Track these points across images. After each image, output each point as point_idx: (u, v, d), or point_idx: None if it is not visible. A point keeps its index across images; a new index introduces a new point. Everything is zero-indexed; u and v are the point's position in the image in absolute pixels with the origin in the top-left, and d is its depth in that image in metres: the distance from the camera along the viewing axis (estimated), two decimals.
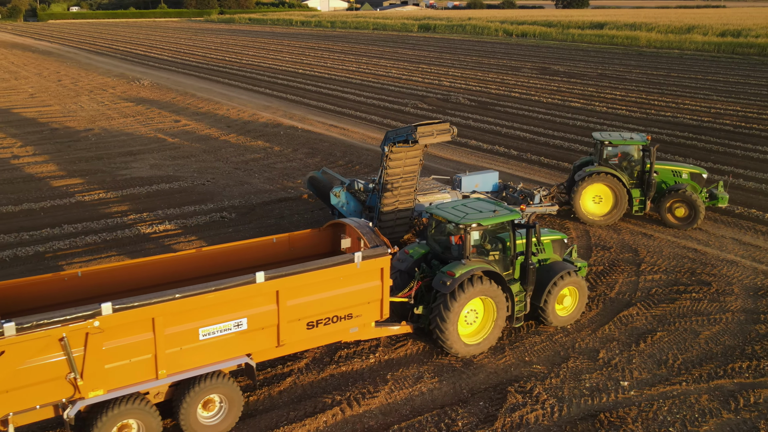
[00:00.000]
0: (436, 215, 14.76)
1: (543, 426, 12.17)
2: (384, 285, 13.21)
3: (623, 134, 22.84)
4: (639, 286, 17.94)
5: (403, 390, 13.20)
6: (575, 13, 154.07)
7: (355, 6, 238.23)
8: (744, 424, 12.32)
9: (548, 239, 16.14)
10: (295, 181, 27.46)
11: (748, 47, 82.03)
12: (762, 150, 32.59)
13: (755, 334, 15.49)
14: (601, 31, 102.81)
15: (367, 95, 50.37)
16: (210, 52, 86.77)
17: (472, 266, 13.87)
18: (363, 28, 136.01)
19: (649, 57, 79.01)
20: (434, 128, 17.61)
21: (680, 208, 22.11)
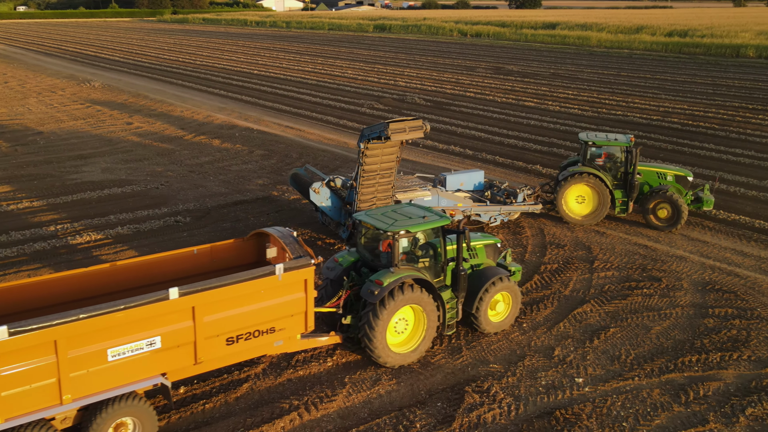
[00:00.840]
0: (364, 222, 14.41)
1: (500, 425, 12.29)
2: (308, 297, 12.86)
3: (609, 135, 22.95)
4: (592, 283, 18.25)
5: (361, 393, 13.19)
6: (528, 14, 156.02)
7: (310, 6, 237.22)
8: (694, 416, 12.63)
9: (481, 244, 15.94)
10: (251, 184, 27.21)
11: (694, 47, 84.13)
12: (708, 147, 33.46)
13: (704, 328, 15.89)
14: (554, 31, 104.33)
15: (323, 96, 50.22)
16: (163, 53, 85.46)
17: (401, 274, 13.58)
18: (318, 29, 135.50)
19: (600, 57, 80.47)
20: (407, 125, 18.12)
21: (663, 210, 22.16)
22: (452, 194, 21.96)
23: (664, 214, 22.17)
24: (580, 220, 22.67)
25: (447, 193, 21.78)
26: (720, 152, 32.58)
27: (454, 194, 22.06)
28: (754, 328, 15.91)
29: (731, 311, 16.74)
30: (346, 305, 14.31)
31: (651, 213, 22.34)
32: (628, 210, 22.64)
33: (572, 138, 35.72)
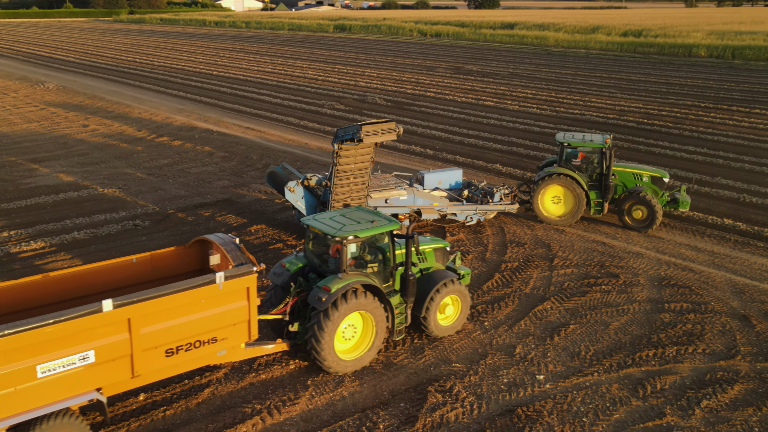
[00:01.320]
0: (312, 227, 14.12)
1: (463, 424, 12.37)
2: (251, 305, 12.58)
3: (585, 136, 22.97)
4: (552, 281, 18.50)
5: (324, 395, 13.16)
6: (487, 14, 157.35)
7: (270, 6, 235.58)
8: (652, 410, 12.89)
9: (430, 248, 15.82)
10: (211, 186, 26.92)
11: (648, 47, 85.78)
12: (662, 145, 34.17)
13: (660, 322, 16.23)
14: (512, 31, 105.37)
15: (284, 97, 49.96)
16: (120, 54, 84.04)
17: (349, 280, 13.37)
18: (278, 29, 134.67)
19: (557, 56, 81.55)
20: (379, 127, 18.33)
21: (638, 211, 22.23)
22: (428, 193, 22.00)
23: (639, 215, 22.23)
24: (556, 220, 22.79)
25: (423, 192, 21.83)
26: (674, 150, 33.30)
27: (430, 193, 22.10)
28: (708, 321, 16.30)
29: (686, 306, 17.12)
30: (293, 312, 14.04)
31: (626, 214, 22.43)
32: (603, 211, 22.68)
33: (531, 137, 36.15)
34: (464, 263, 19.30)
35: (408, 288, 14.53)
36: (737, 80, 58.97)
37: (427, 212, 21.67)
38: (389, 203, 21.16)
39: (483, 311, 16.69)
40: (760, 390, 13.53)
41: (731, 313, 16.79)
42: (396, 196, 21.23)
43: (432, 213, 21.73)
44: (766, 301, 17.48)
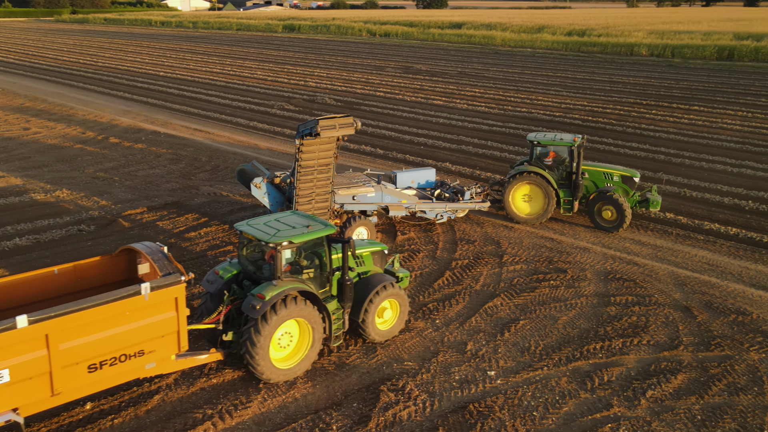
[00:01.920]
0: (245, 233, 13.75)
1: (416, 422, 12.46)
2: (180, 315, 12.24)
3: (557, 135, 22.98)
4: (502, 277, 18.75)
5: (277, 398, 13.09)
6: (435, 14, 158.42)
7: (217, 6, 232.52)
8: (599, 401, 13.18)
9: (367, 251, 15.66)
10: (159, 189, 26.48)
11: (592, 46, 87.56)
12: (607, 142, 34.94)
13: (606, 316, 16.61)
14: (460, 31, 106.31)
15: (233, 97, 49.45)
16: (62, 54, 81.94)
17: (284, 287, 13.10)
18: (226, 29, 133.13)
19: (504, 55, 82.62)
20: (336, 122, 18.62)
21: (607, 211, 22.21)
22: (396, 191, 22.06)
23: (609, 215, 22.21)
24: (526, 219, 22.90)
25: (390, 190, 21.88)
26: (618, 146, 34.09)
27: (399, 191, 22.17)
28: (653, 313, 16.75)
29: (631, 299, 17.56)
30: (228, 320, 13.70)
31: (596, 214, 22.45)
32: (573, 209, 22.80)
33: (479, 135, 36.55)
34: (403, 266, 19.24)
35: (345, 293, 14.30)
36: (677, 78, 60.69)
37: (395, 209, 21.75)
38: (356, 200, 21.23)
39: (434, 309, 16.82)
40: (701, 379, 13.97)
41: (674, 304, 17.29)
42: (363, 193, 21.32)
43: (400, 210, 21.81)
44: (706, 292, 18.05)
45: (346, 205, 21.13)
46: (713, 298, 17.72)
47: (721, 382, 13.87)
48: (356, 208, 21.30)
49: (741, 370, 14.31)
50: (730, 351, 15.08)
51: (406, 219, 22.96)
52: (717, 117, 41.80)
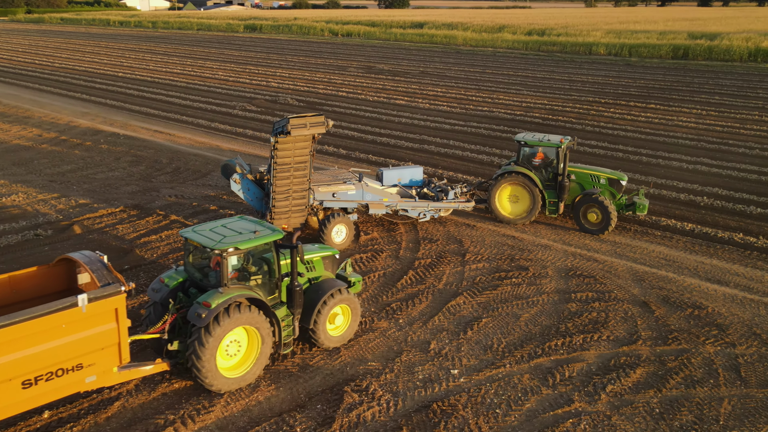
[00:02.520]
0: (190, 239, 13.40)
1: (380, 422, 12.49)
2: (120, 327, 11.91)
3: (546, 136, 22.94)
4: (465, 276, 18.89)
5: (240, 401, 13.01)
6: (397, 13, 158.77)
7: (177, 5, 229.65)
8: (561, 397, 13.37)
9: (318, 256, 15.47)
10: (119, 192, 26.07)
11: (551, 45, 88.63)
12: None
13: (567, 312, 16.85)
14: (422, 30, 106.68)
15: (194, 98, 48.92)
16: (17, 55, 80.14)
17: (230, 294, 12.81)
18: (187, 29, 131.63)
19: (466, 55, 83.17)
20: (307, 120, 18.99)
21: (593, 214, 22.06)
22: (378, 188, 22.07)
23: (594, 217, 22.09)
24: (512, 219, 22.90)
25: (372, 188, 21.89)
26: (578, 144, 34.54)
27: (381, 189, 22.17)
28: (612, 309, 17.04)
29: (591, 295, 17.84)
30: (174, 329, 13.35)
31: (581, 216, 22.31)
32: (559, 211, 22.77)
33: (441, 134, 36.74)
34: (355, 270, 19.12)
35: (294, 299, 14.07)
36: (634, 77, 61.74)
37: (375, 207, 21.78)
38: (337, 197, 21.30)
39: (397, 309, 16.88)
40: (659, 372, 14.25)
41: (632, 300, 17.61)
42: (344, 190, 21.38)
43: (380, 208, 21.85)
44: (664, 287, 18.42)
45: (326, 202, 21.19)
46: (670, 292, 18.09)
47: (678, 375, 14.17)
48: (336, 206, 21.38)
49: (697, 363, 14.64)
50: (686, 344, 15.42)
51: (389, 217, 22.97)
52: (673, 115, 42.66)
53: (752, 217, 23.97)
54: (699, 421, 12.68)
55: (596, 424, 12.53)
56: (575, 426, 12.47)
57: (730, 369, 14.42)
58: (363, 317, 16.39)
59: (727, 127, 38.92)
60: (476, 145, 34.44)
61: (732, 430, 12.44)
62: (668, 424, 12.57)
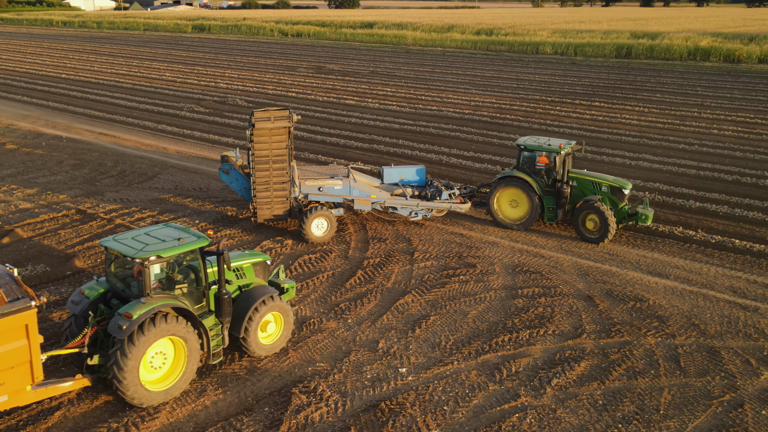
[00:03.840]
0: (110, 248, 12.88)
1: (328, 423, 12.47)
2: (32, 344, 11.33)
3: (548, 140, 22.43)
4: (413, 274, 18.99)
5: (186, 406, 12.84)
6: (347, 13, 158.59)
7: (123, 5, 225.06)
8: (507, 393, 13.55)
9: (248, 263, 15.04)
10: (61, 196, 25.43)
11: (499, 44, 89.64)
12: (514, 138, 35.75)
13: (514, 308, 17.08)
14: (372, 30, 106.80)
15: (140, 100, 48.05)
16: None
17: (153, 304, 12.35)
18: (133, 29, 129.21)
19: (415, 54, 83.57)
20: (272, 114, 19.96)
21: (591, 221, 21.42)
22: (366, 185, 22.08)
23: (592, 225, 21.42)
24: (511, 224, 22.52)
25: (359, 184, 21.95)
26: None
27: (369, 185, 22.19)
28: (558, 304, 17.34)
29: (538, 290, 18.13)
30: (95, 342, 12.88)
31: (580, 224, 21.67)
32: (557, 218, 22.22)
33: (391, 134, 36.86)
34: (289, 276, 18.78)
35: (223, 308, 13.66)
36: (579, 75, 62.92)
37: (360, 203, 21.86)
38: (323, 191, 21.56)
39: (346, 309, 16.88)
40: (603, 365, 14.57)
41: (577, 294, 17.95)
42: (331, 185, 21.62)
43: (366, 204, 21.93)
44: (607, 281, 18.83)
45: (311, 195, 21.50)
46: (614, 286, 18.50)
47: (620, 367, 14.51)
48: (322, 200, 21.66)
49: (639, 355, 15.00)
50: (629, 337, 15.79)
51: (379, 214, 23.04)
52: (616, 112, 43.62)
53: (691, 211, 24.67)
54: (640, 411, 13.00)
55: (542, 418, 12.74)
56: (521, 420, 12.65)
57: (670, 359, 14.83)
58: (312, 318, 16.36)
59: (668, 123, 39.98)
60: (425, 144, 34.64)
61: (671, 418, 12.79)
62: (611, 415, 12.86)
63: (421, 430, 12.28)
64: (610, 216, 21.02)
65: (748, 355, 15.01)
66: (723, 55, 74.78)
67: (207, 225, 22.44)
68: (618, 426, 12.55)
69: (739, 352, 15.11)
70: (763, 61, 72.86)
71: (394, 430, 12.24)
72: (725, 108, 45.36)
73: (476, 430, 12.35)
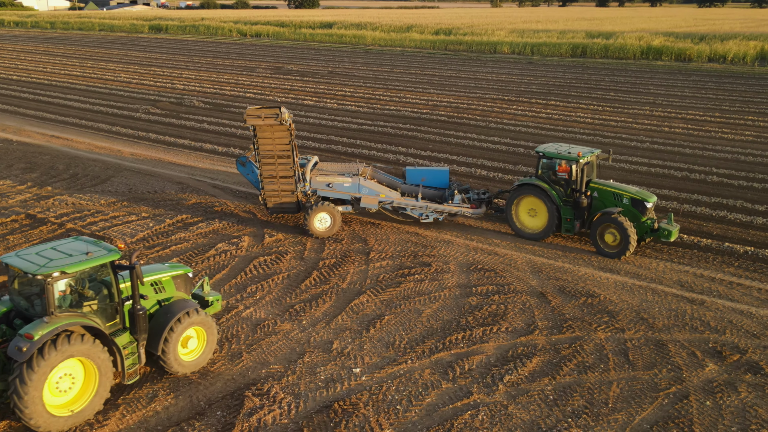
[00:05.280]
0: (11, 265, 12.10)
1: (281, 425, 12.44)
2: None
3: (570, 147, 21.64)
4: (369, 274, 19.04)
5: (137, 413, 12.69)
6: (306, 13, 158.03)
7: (78, 5, 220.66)
8: (460, 390, 13.68)
9: (167, 276, 14.32)
10: (10, 201, 24.87)
11: (458, 44, 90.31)
12: (470, 137, 36.18)
13: (468, 306, 17.24)
14: (331, 31, 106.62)
15: (94, 102, 47.23)
16: None
17: (57, 324, 11.58)
18: (88, 29, 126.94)
19: (374, 54, 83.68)
20: (263, 111, 20.48)
21: (610, 234, 20.39)
22: (376, 184, 22.20)
23: (611, 239, 20.38)
24: (529, 234, 21.74)
25: (369, 183, 22.10)
26: (481, 141, 35.40)
27: (378, 185, 22.27)
28: (511, 301, 17.56)
29: (491, 288, 18.33)
30: None
31: (598, 237, 20.62)
32: (575, 230, 21.30)
33: (349, 134, 36.86)
34: (213, 288, 17.91)
35: (137, 324, 12.93)
36: (536, 75, 63.73)
37: (367, 201, 22.05)
38: (332, 188, 21.91)
39: (301, 310, 16.86)
40: (554, 360, 14.80)
41: (531, 291, 18.20)
42: (340, 182, 21.95)
43: (373, 203, 22.07)
44: (560, 277, 19.13)
45: (320, 191, 22.02)
46: (566, 282, 18.80)
47: (571, 362, 14.75)
48: (331, 196, 22.06)
49: (589, 350, 15.28)
50: (580, 332, 16.06)
51: (390, 213, 23.35)
52: (571, 111, 44.29)
53: None
54: (590, 405, 13.24)
55: (493, 415, 12.89)
56: (473, 417, 12.78)
57: (619, 353, 15.13)
58: (266, 320, 16.29)
59: (621, 121, 40.73)
60: (382, 144, 34.73)
61: (619, 411, 13.05)
62: (561, 410, 13.08)
63: (373, 430, 12.34)
64: (630, 229, 19.99)
65: (694, 347, 15.40)
66: (674, 54, 76.51)
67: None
68: (568, 420, 12.76)
69: (686, 345, 15.50)
70: (713, 60, 74.71)
71: (347, 431, 12.27)
72: (676, 106, 46.40)
73: (428, 428, 12.44)
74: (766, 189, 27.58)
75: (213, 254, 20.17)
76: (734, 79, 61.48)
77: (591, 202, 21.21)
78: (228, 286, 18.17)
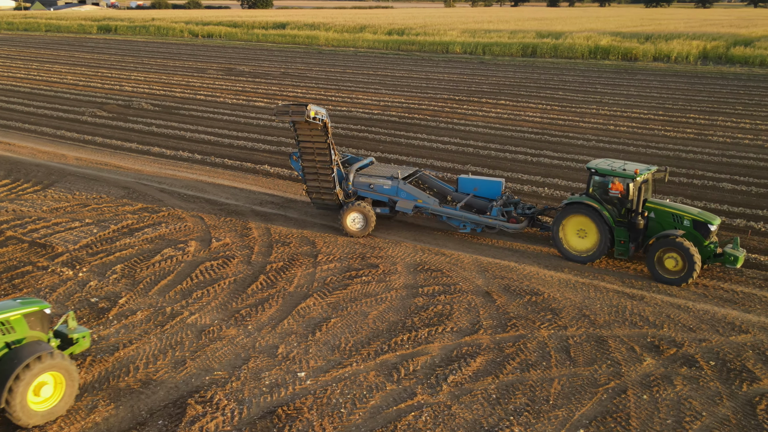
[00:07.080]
0: None
1: None
2: None
3: (626, 164, 20.31)
4: (316, 277, 19.02)
5: (75, 425, 12.46)
6: (260, 14, 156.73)
7: (24, 5, 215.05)
8: (404, 392, 13.77)
9: (17, 314, 12.59)
10: None
11: (410, 44, 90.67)
12: (421, 137, 36.38)
13: (414, 307, 17.36)
14: (284, 31, 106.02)
15: (38, 104, 46.15)
16: None
17: None
18: (34, 30, 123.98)
19: (327, 55, 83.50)
20: (291, 108, 20.93)
21: (671, 259, 18.80)
22: (414, 189, 22.30)
23: (672, 264, 18.77)
24: (576, 256, 20.33)
25: (409, 187, 22.25)
26: (431, 141, 35.64)
27: (417, 190, 22.34)
28: (457, 301, 17.74)
29: (438, 288, 18.48)
30: None
31: (656, 263, 19.05)
32: (629, 253, 19.79)
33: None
34: (81, 324, 16.13)
35: None
36: (486, 74, 64.39)
37: (403, 205, 22.26)
38: (373, 188, 22.50)
39: (247, 315, 16.76)
40: (498, 359, 15.01)
41: (476, 290, 18.41)
42: (381, 184, 22.40)
43: (408, 207, 22.23)
44: (505, 276, 19.39)
45: (361, 191, 22.61)
46: (511, 281, 19.07)
47: (514, 360, 14.98)
48: (371, 197, 22.62)
49: (532, 347, 15.53)
50: (523, 330, 16.31)
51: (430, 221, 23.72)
52: (520, 110, 44.88)
53: None
54: (531, 402, 13.46)
55: (437, 415, 13.01)
56: (417, 419, 12.89)
57: (561, 350, 15.42)
58: (211, 326, 16.15)
59: (569, 120, 41.43)
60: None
61: (560, 408, 13.30)
62: (503, 408, 13.27)
63: None
64: (695, 254, 18.40)
65: (633, 342, 15.78)
66: (621, 53, 78.07)
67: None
68: (510, 418, 12.96)
69: (625, 340, 15.87)
70: (658, 59, 76.49)
71: None
72: (622, 105, 47.39)
73: (372, 430, 12.50)
74: (705, 186, 28.39)
75: (158, 260, 19.92)
76: (677, 77, 63.06)
77: (647, 224, 19.86)
78: (173, 292, 17.96)
